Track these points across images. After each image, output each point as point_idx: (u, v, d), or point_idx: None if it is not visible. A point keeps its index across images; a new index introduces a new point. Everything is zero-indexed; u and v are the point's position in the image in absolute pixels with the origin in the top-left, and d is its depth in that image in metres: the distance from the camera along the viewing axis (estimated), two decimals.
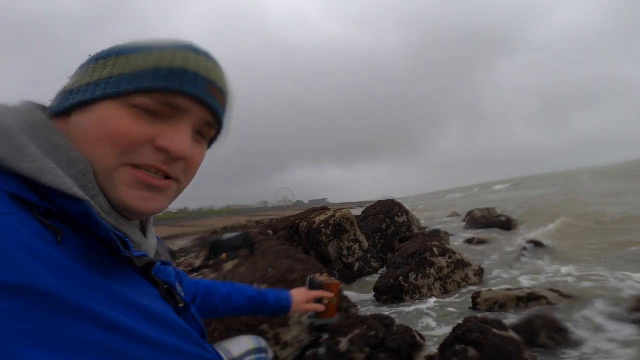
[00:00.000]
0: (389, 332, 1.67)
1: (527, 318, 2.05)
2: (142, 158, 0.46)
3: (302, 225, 5.22)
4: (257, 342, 0.96)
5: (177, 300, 0.55)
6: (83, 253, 0.40)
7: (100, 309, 0.37)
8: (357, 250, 4.57)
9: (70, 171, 0.42)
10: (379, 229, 5.55)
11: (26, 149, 0.40)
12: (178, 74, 0.45)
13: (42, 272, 0.34)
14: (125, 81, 0.45)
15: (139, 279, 0.48)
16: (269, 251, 3.79)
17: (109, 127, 0.44)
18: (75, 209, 0.40)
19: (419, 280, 3.13)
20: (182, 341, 0.47)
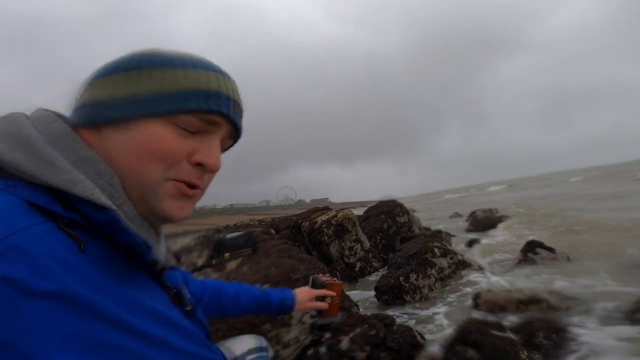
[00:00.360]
0: (389, 331, 1.70)
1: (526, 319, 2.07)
2: (183, 174, 0.50)
3: (304, 225, 5.25)
4: (259, 341, 0.98)
5: (185, 304, 0.57)
6: (103, 261, 0.42)
7: (123, 315, 0.40)
8: (359, 251, 4.59)
9: (98, 182, 0.45)
10: (380, 229, 5.58)
11: (57, 162, 0.43)
12: (216, 96, 0.50)
13: (72, 280, 0.37)
14: (171, 100, 0.47)
15: (151, 284, 0.51)
16: (272, 251, 3.82)
17: (158, 145, 0.47)
18: (102, 218, 0.42)
19: (420, 280, 3.15)
20: (192, 344, 0.50)
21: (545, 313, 2.32)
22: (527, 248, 3.95)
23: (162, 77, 0.47)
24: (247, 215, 64.56)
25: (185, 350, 0.48)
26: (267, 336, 1.68)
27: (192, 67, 0.49)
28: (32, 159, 0.42)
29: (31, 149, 0.42)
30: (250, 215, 53.40)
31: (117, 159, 0.47)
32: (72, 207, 0.42)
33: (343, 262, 4.39)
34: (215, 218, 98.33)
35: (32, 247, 0.35)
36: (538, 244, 3.95)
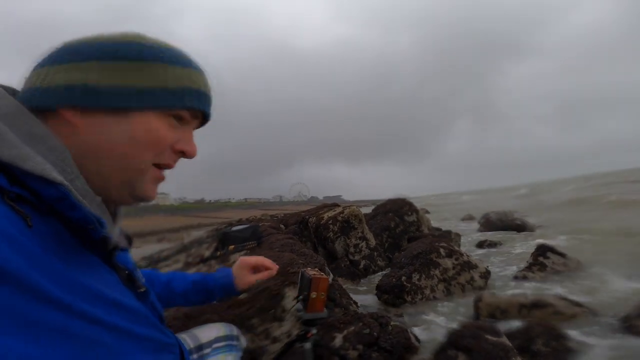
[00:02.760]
0: (383, 331, 1.68)
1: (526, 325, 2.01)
2: (165, 159, 0.55)
3: (311, 220, 5.25)
4: (229, 329, 0.96)
5: (137, 286, 0.57)
6: (49, 239, 0.42)
7: (63, 295, 0.39)
8: (364, 249, 4.56)
9: (49, 158, 0.44)
10: (387, 227, 5.52)
11: (6, 136, 0.42)
12: (205, 96, 0.56)
13: (11, 255, 0.35)
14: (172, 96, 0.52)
15: (100, 265, 0.49)
16: (276, 244, 3.84)
17: (154, 135, 0.51)
18: (52, 193, 0.42)
19: (422, 281, 3.10)
20: (141, 326, 0.49)
21: (549, 319, 2.25)
22: (538, 252, 3.84)
23: (164, 72, 0.51)
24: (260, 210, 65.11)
25: (134, 332, 0.47)
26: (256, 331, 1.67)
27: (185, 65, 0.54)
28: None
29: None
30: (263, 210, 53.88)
31: (109, 144, 0.49)
32: (20, 182, 0.41)
33: (347, 260, 4.37)
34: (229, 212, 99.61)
35: None
36: (549, 248, 3.84)
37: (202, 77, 0.57)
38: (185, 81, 0.53)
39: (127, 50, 0.49)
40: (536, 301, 2.43)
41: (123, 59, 0.49)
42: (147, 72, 0.50)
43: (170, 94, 0.51)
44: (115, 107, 0.48)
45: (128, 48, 0.50)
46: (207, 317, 1.57)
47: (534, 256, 3.83)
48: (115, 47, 0.49)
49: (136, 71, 0.49)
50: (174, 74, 0.52)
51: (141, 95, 0.50)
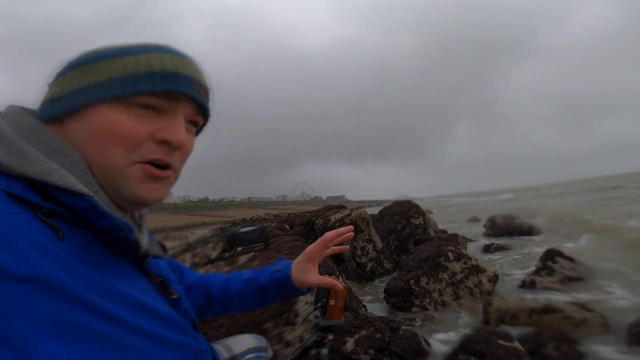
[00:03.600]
0: (395, 336, 1.69)
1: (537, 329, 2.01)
2: (148, 153, 0.49)
3: (318, 222, 5.26)
4: (258, 341, 0.97)
5: (170, 293, 0.57)
6: (82, 250, 0.43)
7: (99, 301, 0.40)
8: (371, 251, 4.57)
9: (74, 171, 0.45)
10: (394, 230, 5.53)
11: (30, 153, 0.44)
12: (172, 76, 0.50)
13: (49, 265, 0.37)
14: (120, 85, 0.48)
15: (133, 272, 0.50)
16: (284, 247, 3.86)
17: (114, 129, 0.47)
18: (80, 204, 0.43)
19: (431, 284, 3.11)
20: (175, 332, 0.50)
21: (559, 324, 2.24)
22: (546, 257, 3.82)
23: (111, 66, 0.49)
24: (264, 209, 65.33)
25: (166, 338, 0.48)
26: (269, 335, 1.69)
27: (144, 52, 0.50)
28: (6, 152, 0.43)
29: (5, 142, 0.44)
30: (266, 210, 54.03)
31: (80, 148, 0.48)
32: (51, 197, 0.43)
33: (354, 262, 4.38)
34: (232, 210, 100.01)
35: (10, 234, 0.36)
36: (557, 252, 3.82)
37: (168, 59, 0.51)
38: (141, 67, 0.49)
39: (84, 58, 0.50)
40: (546, 306, 2.42)
41: (78, 66, 0.50)
42: (96, 70, 0.49)
43: (119, 82, 0.48)
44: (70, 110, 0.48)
45: (86, 56, 0.50)
46: (221, 321, 1.59)
47: (543, 260, 3.81)
48: (79, 58, 0.51)
49: (86, 73, 0.49)
50: (124, 64, 0.49)
51: (86, 92, 0.48)
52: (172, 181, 0.55)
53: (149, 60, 0.50)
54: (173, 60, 0.51)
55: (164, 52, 0.51)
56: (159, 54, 0.51)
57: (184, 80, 0.51)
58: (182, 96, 0.52)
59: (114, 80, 0.48)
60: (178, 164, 0.54)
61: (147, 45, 0.52)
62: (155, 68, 0.49)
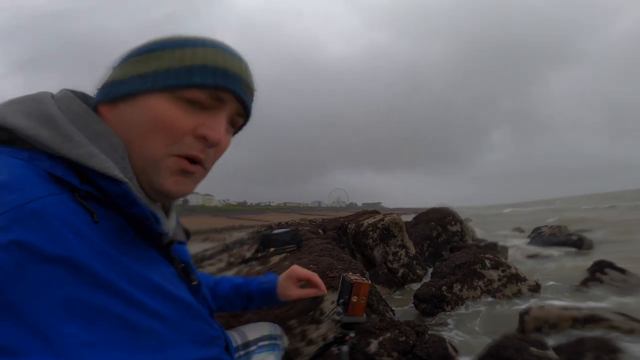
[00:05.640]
0: (420, 340, 1.66)
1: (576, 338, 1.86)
2: (187, 148, 0.50)
3: (350, 227, 5.27)
4: (273, 329, 0.98)
5: (191, 279, 0.58)
6: (113, 233, 0.44)
7: (122, 285, 0.41)
8: (403, 257, 4.48)
9: (112, 156, 0.46)
10: (429, 236, 5.38)
11: (75, 136, 0.45)
12: (222, 73, 0.50)
13: (80, 247, 0.38)
14: (175, 76, 0.49)
15: (158, 257, 0.51)
16: (315, 249, 3.90)
17: (161, 119, 0.48)
18: (115, 190, 0.44)
19: (464, 291, 3.00)
20: (192, 318, 0.51)
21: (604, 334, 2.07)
22: (595, 268, 3.54)
23: (171, 56, 0.50)
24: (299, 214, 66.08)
25: (185, 324, 0.49)
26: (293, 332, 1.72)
27: (202, 46, 0.51)
28: (54, 135, 0.44)
29: (54, 125, 0.45)
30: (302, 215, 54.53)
31: (125, 132, 0.49)
32: (89, 180, 0.44)
33: (386, 267, 4.32)
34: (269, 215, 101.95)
35: (48, 214, 0.37)
36: (608, 264, 3.53)
37: (221, 55, 0.51)
38: (197, 59, 0.50)
39: (149, 46, 0.52)
40: (590, 315, 2.24)
41: (142, 54, 0.51)
42: (154, 60, 0.50)
43: (173, 73, 0.49)
44: (125, 94, 0.49)
45: (151, 44, 0.52)
46: (248, 316, 1.66)
47: (591, 271, 3.54)
48: (143, 45, 0.52)
49: (147, 61, 0.50)
50: (181, 55, 0.50)
51: (144, 79, 0.49)
52: (200, 178, 0.55)
53: (205, 53, 0.50)
54: (225, 57, 0.52)
55: (219, 48, 0.52)
56: (214, 49, 0.51)
57: (232, 78, 0.51)
58: (229, 95, 0.52)
59: (171, 70, 0.49)
60: (210, 161, 0.54)
61: (205, 40, 0.52)
62: (208, 62, 0.50)
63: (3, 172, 0.38)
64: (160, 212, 0.54)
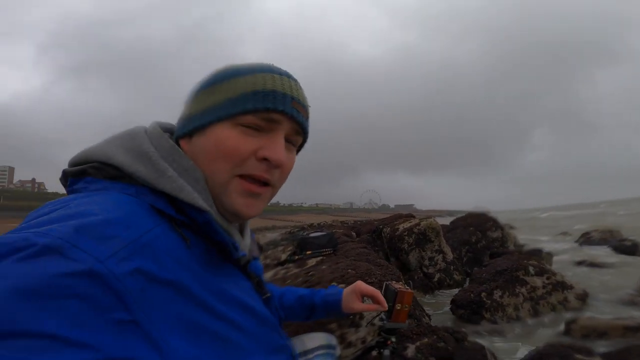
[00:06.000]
0: (459, 346, 1.67)
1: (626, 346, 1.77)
2: (250, 169, 0.53)
3: (385, 231, 5.25)
4: (329, 339, 1.01)
5: (264, 292, 0.63)
6: (203, 256, 0.49)
7: (214, 303, 0.47)
8: (440, 262, 4.42)
9: (196, 188, 0.51)
10: (467, 241, 5.26)
11: (167, 172, 0.50)
12: (272, 95, 0.53)
13: (182, 272, 0.44)
14: (232, 105, 0.53)
15: (237, 274, 0.57)
16: (351, 253, 3.95)
17: (223, 145, 0.52)
18: (201, 218, 0.49)
19: (505, 298, 2.92)
20: (266, 329, 0.56)
21: None
22: None
23: (228, 86, 0.54)
24: (331, 216, 66.08)
25: (259, 334, 0.54)
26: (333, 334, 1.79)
27: (251, 73, 0.55)
28: (150, 171, 0.50)
29: (149, 162, 0.50)
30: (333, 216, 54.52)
31: (201, 162, 0.54)
32: (181, 209, 0.50)
33: (421, 272, 4.29)
34: (301, 215, 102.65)
35: (156, 244, 0.43)
36: None
37: (269, 78, 0.55)
38: (248, 87, 0.53)
39: (207, 80, 0.57)
40: None
41: (204, 88, 0.56)
42: (217, 92, 0.55)
43: (231, 102, 0.53)
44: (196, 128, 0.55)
45: (209, 78, 0.57)
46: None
47: None
48: (203, 80, 0.57)
49: (209, 95, 0.55)
50: (236, 85, 0.53)
51: (210, 111, 0.54)
52: (269, 197, 0.58)
53: (255, 80, 0.54)
54: (274, 79, 0.55)
55: (266, 72, 0.55)
56: (262, 74, 0.55)
57: (282, 98, 0.54)
58: (280, 115, 0.54)
59: (228, 101, 0.53)
60: (277, 181, 0.57)
61: (254, 66, 0.56)
62: (258, 88, 0.53)
63: (118, 210, 0.43)
64: (236, 232, 0.59)
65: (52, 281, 0.33)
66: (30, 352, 0.30)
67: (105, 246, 0.38)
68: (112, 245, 0.38)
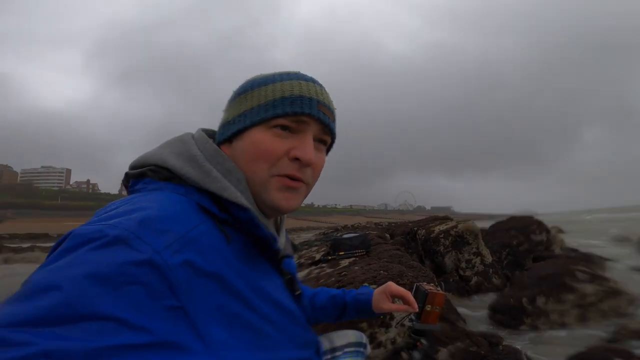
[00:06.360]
0: (493, 351, 1.61)
1: None
2: (284, 169, 0.57)
3: (420, 233, 5.15)
4: (359, 337, 1.02)
5: (295, 289, 0.66)
6: (242, 251, 0.53)
7: (250, 295, 0.50)
8: (478, 265, 4.26)
9: (239, 187, 0.55)
10: (508, 244, 5.01)
11: (212, 173, 0.54)
12: (299, 100, 0.58)
13: (223, 265, 0.48)
14: (264, 110, 0.58)
15: (271, 270, 0.60)
16: (384, 255, 3.91)
17: (259, 147, 0.57)
18: (243, 216, 0.53)
19: (550, 305, 2.75)
20: (294, 324, 0.60)
21: None
22: None
23: (259, 94, 0.60)
24: (365, 217, 65.58)
25: (288, 329, 0.57)
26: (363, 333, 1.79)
27: (280, 80, 0.60)
28: (198, 172, 0.54)
29: (197, 164, 0.55)
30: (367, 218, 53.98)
31: (241, 163, 0.58)
32: (224, 208, 0.54)
33: (457, 275, 4.15)
34: (335, 217, 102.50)
35: (202, 240, 0.47)
36: None
37: (296, 85, 0.59)
38: (277, 93, 0.58)
39: (241, 88, 0.63)
40: None
41: (238, 96, 0.62)
42: (249, 99, 0.60)
43: (263, 108, 0.58)
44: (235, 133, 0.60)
45: (243, 86, 0.63)
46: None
47: None
48: (238, 88, 0.63)
49: (244, 101, 0.61)
50: (266, 92, 0.59)
51: (246, 117, 0.59)
52: (304, 192, 0.62)
53: (283, 87, 0.59)
54: (300, 85, 0.60)
55: (294, 79, 0.61)
56: (290, 80, 0.60)
57: (308, 102, 0.58)
58: (309, 117, 0.58)
59: (260, 106, 0.58)
60: (310, 178, 0.61)
61: (283, 74, 0.62)
62: (286, 94, 0.58)
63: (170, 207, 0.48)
64: (273, 229, 0.63)
65: (120, 269, 0.38)
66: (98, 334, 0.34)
67: (162, 239, 0.42)
68: (166, 238, 0.43)
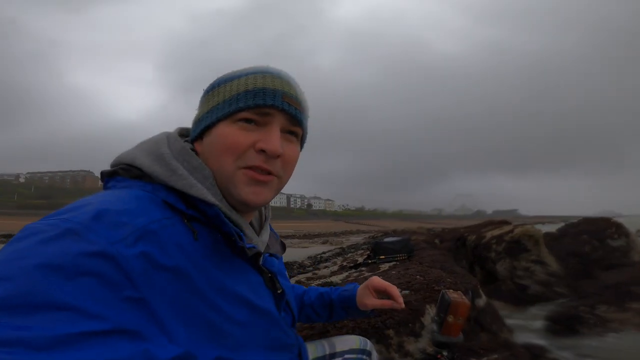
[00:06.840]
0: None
1: None
2: (250, 161, 0.57)
3: (470, 238, 4.88)
4: (363, 343, 0.97)
5: (277, 288, 0.64)
6: (209, 248, 0.53)
7: (211, 293, 0.50)
8: (539, 273, 3.88)
9: (205, 184, 0.56)
10: (578, 252, 4.50)
11: (178, 171, 0.54)
12: (261, 92, 0.58)
13: (183, 260, 0.48)
14: (228, 104, 0.58)
15: (247, 268, 0.59)
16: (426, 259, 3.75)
17: (225, 141, 0.57)
18: (210, 212, 0.53)
19: (611, 313, 2.43)
20: (267, 324, 0.58)
21: None
22: None
23: (224, 89, 0.60)
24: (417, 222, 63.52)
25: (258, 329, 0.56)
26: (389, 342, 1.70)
27: (245, 75, 0.60)
28: (164, 170, 0.55)
29: (164, 163, 0.56)
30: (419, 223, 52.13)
31: (210, 159, 0.59)
32: (192, 204, 0.54)
33: (512, 283, 3.82)
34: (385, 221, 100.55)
35: (162, 233, 0.47)
36: None
37: (260, 78, 0.59)
38: (241, 87, 0.58)
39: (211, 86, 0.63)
40: None
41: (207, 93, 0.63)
42: (216, 95, 0.61)
43: (227, 102, 0.58)
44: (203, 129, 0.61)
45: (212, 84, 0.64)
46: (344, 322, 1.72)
47: None
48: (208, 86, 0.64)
49: (210, 98, 0.62)
50: (231, 87, 0.59)
51: (212, 113, 0.60)
52: (276, 186, 0.61)
53: (247, 81, 0.59)
54: (265, 78, 0.60)
55: (258, 73, 0.61)
56: (254, 74, 0.60)
57: (272, 94, 0.58)
58: (273, 109, 0.58)
59: (225, 102, 0.59)
60: (280, 171, 0.60)
61: (249, 69, 0.62)
62: (249, 87, 0.58)
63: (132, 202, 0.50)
64: (249, 228, 0.63)
65: (72, 260, 0.38)
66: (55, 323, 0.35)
67: (117, 231, 0.43)
68: (122, 231, 0.44)
